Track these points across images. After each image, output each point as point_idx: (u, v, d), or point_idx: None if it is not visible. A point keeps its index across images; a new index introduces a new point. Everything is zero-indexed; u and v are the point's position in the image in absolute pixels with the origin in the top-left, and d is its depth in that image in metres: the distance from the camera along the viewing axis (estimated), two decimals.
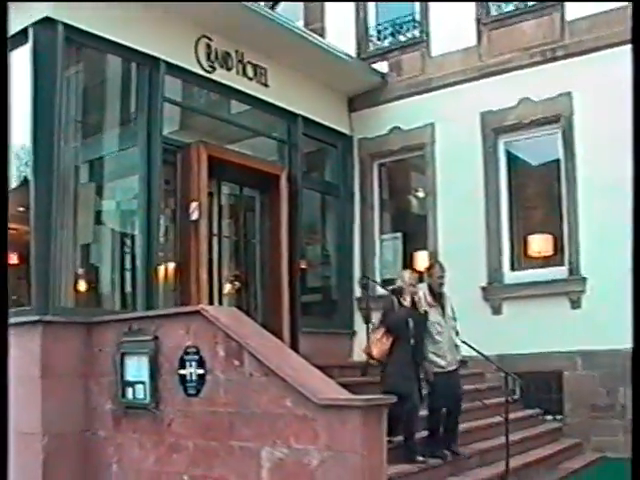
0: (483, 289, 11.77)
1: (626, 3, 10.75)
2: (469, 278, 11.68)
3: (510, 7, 12.17)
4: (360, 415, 6.23)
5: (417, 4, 13.04)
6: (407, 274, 8.83)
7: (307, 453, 6.50)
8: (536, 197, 12.49)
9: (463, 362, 9.44)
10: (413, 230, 13.04)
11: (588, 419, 10.88)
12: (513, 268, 12.03)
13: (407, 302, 8.52)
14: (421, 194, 12.92)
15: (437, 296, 8.88)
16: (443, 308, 8.88)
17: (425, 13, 12.87)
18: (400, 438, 8.10)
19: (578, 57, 11.30)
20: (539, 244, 12.04)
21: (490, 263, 11.86)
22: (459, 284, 11.62)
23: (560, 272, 11.48)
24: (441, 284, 8.95)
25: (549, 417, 11.29)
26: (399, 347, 8.30)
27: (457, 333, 9.05)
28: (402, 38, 13.24)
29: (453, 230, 12.05)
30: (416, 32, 13.01)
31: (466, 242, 11.87)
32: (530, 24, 11.86)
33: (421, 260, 12.64)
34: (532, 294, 11.44)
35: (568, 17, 11.51)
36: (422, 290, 8.84)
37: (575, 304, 11.17)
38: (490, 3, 12.37)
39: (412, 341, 8.32)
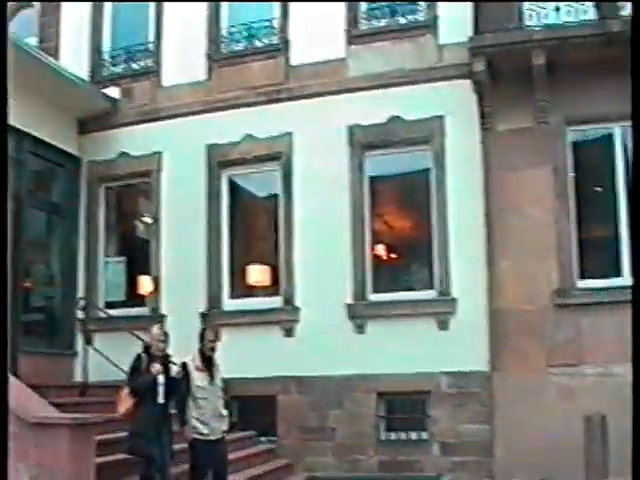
0: (202, 315, 12.08)
1: (343, 56, 11.73)
2: (189, 304, 12.04)
3: (240, 47, 12.64)
4: (68, 433, 6.40)
5: (151, 33, 13.22)
6: (155, 329, 8.69)
7: (18, 470, 6.58)
8: (259, 228, 13.06)
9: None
10: (138, 254, 13.20)
11: (300, 441, 11.48)
12: (232, 296, 12.39)
13: (157, 360, 8.36)
14: (147, 219, 13.07)
15: (207, 361, 8.78)
16: (212, 374, 8.79)
17: (158, 43, 13.11)
18: None
19: (301, 100, 11.98)
20: (257, 274, 12.58)
21: (210, 290, 12.20)
22: (179, 309, 11.92)
23: (275, 302, 12.05)
24: (212, 348, 8.86)
25: (263, 439, 11.78)
26: (143, 408, 8.15)
27: (226, 404, 9.10)
28: (135, 66, 13.39)
29: (176, 256, 12.36)
30: (149, 61, 13.22)
31: (188, 269, 12.22)
32: (258, 65, 12.53)
33: (145, 284, 12.82)
34: (250, 322, 12.00)
35: (293, 62, 12.26)
36: (192, 354, 8.76)
37: (288, 333, 11.74)
38: (222, 40, 12.75)
39: (161, 401, 8.26)
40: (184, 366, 8.66)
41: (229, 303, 12.42)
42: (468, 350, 10.92)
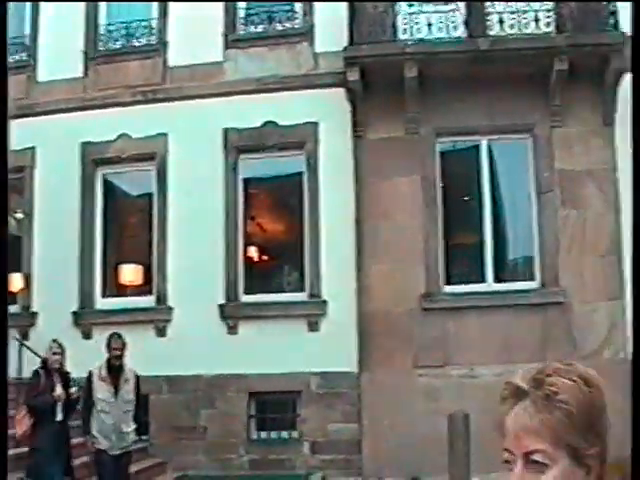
0: (74, 314, 11.94)
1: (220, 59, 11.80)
2: (61, 302, 11.85)
3: (118, 45, 12.52)
4: None
5: (27, 28, 12.94)
6: (50, 342, 8.40)
7: None
8: (134, 227, 12.97)
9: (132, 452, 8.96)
10: (9, 251, 12.79)
11: (172, 440, 11.47)
12: (104, 295, 12.29)
13: (57, 379, 8.13)
14: (19, 215, 12.78)
15: (113, 371, 8.44)
16: (117, 386, 8.42)
17: (34, 37, 12.84)
18: None
19: (177, 101, 11.97)
20: (130, 273, 12.51)
21: (83, 289, 12.07)
22: (50, 307, 11.70)
23: (148, 301, 12.00)
24: (118, 357, 8.52)
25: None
26: (42, 427, 8.00)
27: (136, 421, 8.67)
28: (9, 59, 13.02)
29: (48, 254, 12.18)
30: (24, 55, 12.93)
31: (60, 267, 12.03)
32: (136, 64, 12.42)
33: (15, 281, 12.54)
34: (122, 321, 11.74)
35: (171, 63, 12.22)
36: (99, 363, 8.44)
37: (161, 332, 11.71)
38: (100, 38, 12.60)
39: (60, 418, 8.08)
40: (89, 376, 8.40)
41: (102, 302, 12.30)
42: (338, 351, 11.15)
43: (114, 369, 8.46)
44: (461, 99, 11.10)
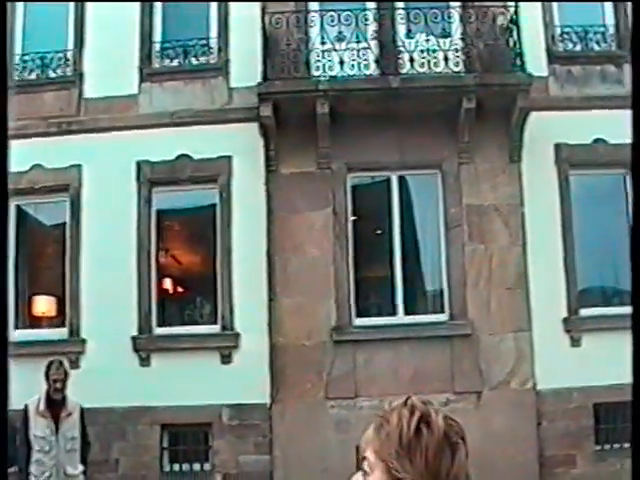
0: None
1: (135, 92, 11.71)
2: None
3: (33, 76, 12.34)
4: None
5: None
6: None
7: None
8: (47, 258, 12.75)
9: None
10: None
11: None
12: (17, 327, 12.02)
13: None
14: None
15: (52, 404, 7.53)
16: (57, 421, 7.50)
17: None
18: None
19: (92, 133, 11.82)
20: (43, 304, 12.27)
21: None
22: None
23: (61, 333, 11.77)
24: (59, 389, 7.64)
25: None
26: None
27: (84, 461, 7.83)
28: None
29: None
30: None
31: None
32: (51, 95, 12.22)
33: None
34: (35, 353, 11.37)
35: (86, 94, 12.07)
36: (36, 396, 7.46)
37: (74, 364, 11.46)
38: (15, 67, 12.40)
39: None
40: (24, 410, 7.40)
41: (13, 334, 12.00)
42: (250, 383, 11.07)
43: (55, 402, 7.54)
44: (372, 135, 11.18)
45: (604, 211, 11.60)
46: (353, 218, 11.46)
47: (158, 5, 12.34)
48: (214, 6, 12.24)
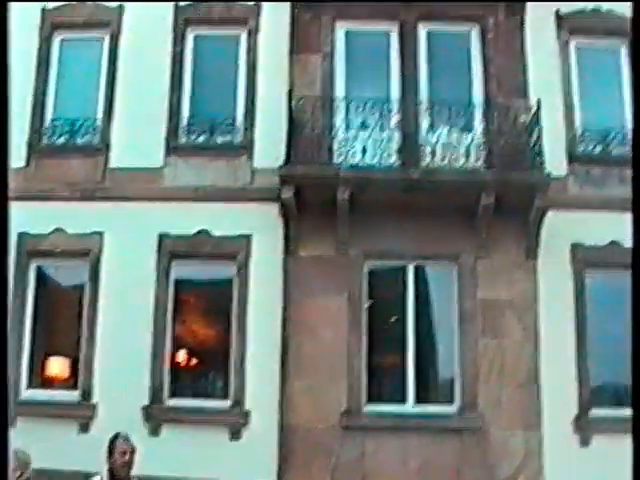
0: None
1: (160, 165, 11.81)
2: None
3: (61, 141, 12.46)
4: None
5: None
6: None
7: None
8: (64, 320, 12.78)
9: None
10: None
11: None
12: (30, 386, 12.03)
13: None
14: None
15: None
16: None
17: None
18: None
19: (115, 202, 11.89)
20: (57, 365, 12.29)
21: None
22: None
23: (73, 395, 11.78)
24: (126, 465, 6.61)
25: None
26: None
27: None
28: None
29: None
30: None
31: None
32: (77, 161, 12.32)
33: None
34: (47, 414, 11.53)
35: (112, 164, 12.18)
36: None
37: (84, 428, 11.49)
38: (45, 131, 12.52)
39: None
40: None
41: (25, 393, 12.03)
42: (257, 462, 10.99)
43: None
44: (391, 224, 11.22)
45: (618, 311, 11.55)
46: (368, 304, 11.46)
47: (187, 81, 12.49)
48: (242, 86, 12.39)
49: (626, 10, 12.33)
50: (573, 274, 11.47)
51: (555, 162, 11.49)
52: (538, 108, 11.27)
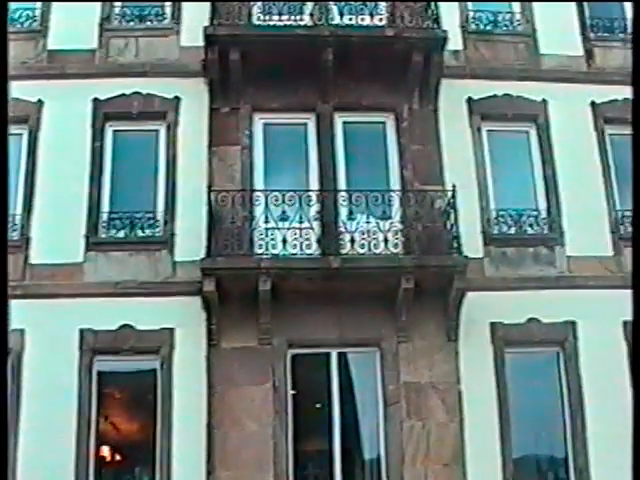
0: None
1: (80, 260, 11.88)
2: None
3: None
4: None
5: None
6: None
7: None
8: None
9: None
10: None
11: None
12: None
13: None
14: None
15: None
16: None
17: None
18: None
19: (37, 299, 11.81)
20: None
21: None
22: None
23: None
24: None
25: None
26: None
27: None
28: None
29: None
30: None
31: None
32: None
33: None
34: None
35: (32, 260, 12.16)
36: None
37: None
38: None
39: None
40: None
41: None
42: None
43: None
44: (313, 312, 11.46)
45: (538, 385, 11.97)
46: (293, 392, 11.56)
47: (107, 175, 12.66)
48: (162, 179, 12.61)
49: (536, 94, 13.14)
50: (493, 352, 11.79)
51: (472, 244, 11.96)
52: (453, 193, 11.72)
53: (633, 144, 11.33)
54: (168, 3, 13.83)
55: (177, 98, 12.99)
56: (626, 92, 13.05)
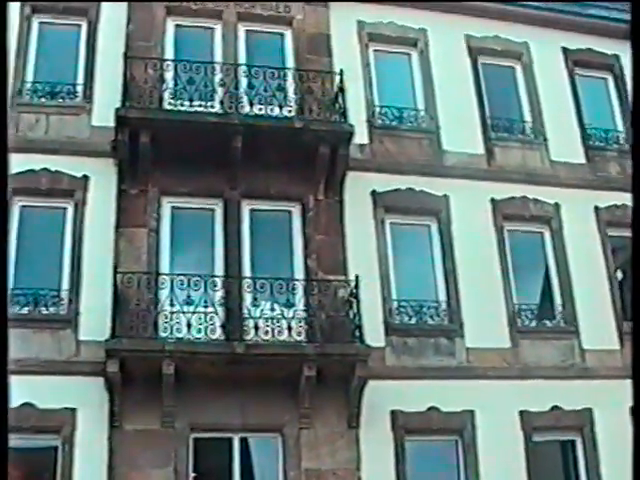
0: None
1: None
2: None
3: None
4: None
5: None
6: None
7: None
8: None
9: None
10: None
11: None
12: None
13: None
14: None
15: None
16: None
17: None
18: None
19: None
20: None
21: None
22: None
23: None
24: None
25: None
26: None
27: None
28: None
29: None
30: None
31: None
32: None
33: None
34: None
35: None
36: None
37: None
38: None
39: None
40: None
41: None
42: None
43: None
44: (216, 397, 12.02)
45: (437, 473, 12.85)
46: (194, 475, 12.03)
47: (12, 252, 12.78)
48: (67, 258, 13.06)
49: (438, 189, 14.30)
50: (394, 440, 12.58)
51: (374, 333, 12.83)
52: (356, 283, 12.60)
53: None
54: (80, 81, 14.45)
55: (86, 177, 13.51)
56: (524, 190, 14.50)
